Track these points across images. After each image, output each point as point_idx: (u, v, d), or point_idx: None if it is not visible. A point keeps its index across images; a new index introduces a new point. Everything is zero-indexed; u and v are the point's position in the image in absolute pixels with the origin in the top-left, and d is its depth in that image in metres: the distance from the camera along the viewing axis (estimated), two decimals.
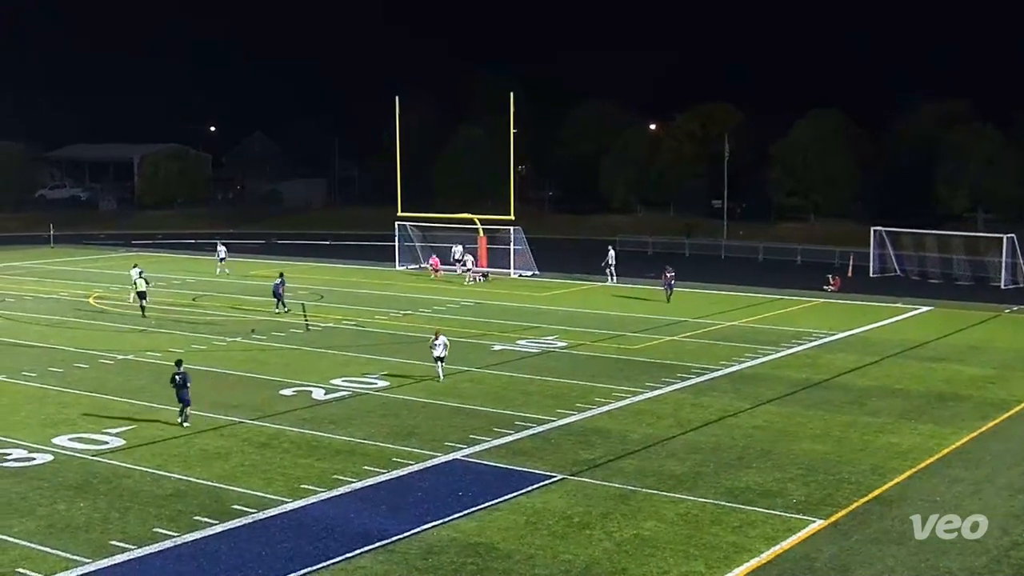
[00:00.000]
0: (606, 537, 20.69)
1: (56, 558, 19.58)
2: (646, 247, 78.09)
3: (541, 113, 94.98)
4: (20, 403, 30.93)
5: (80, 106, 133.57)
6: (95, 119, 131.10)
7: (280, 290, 47.30)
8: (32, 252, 75.61)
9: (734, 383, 33.77)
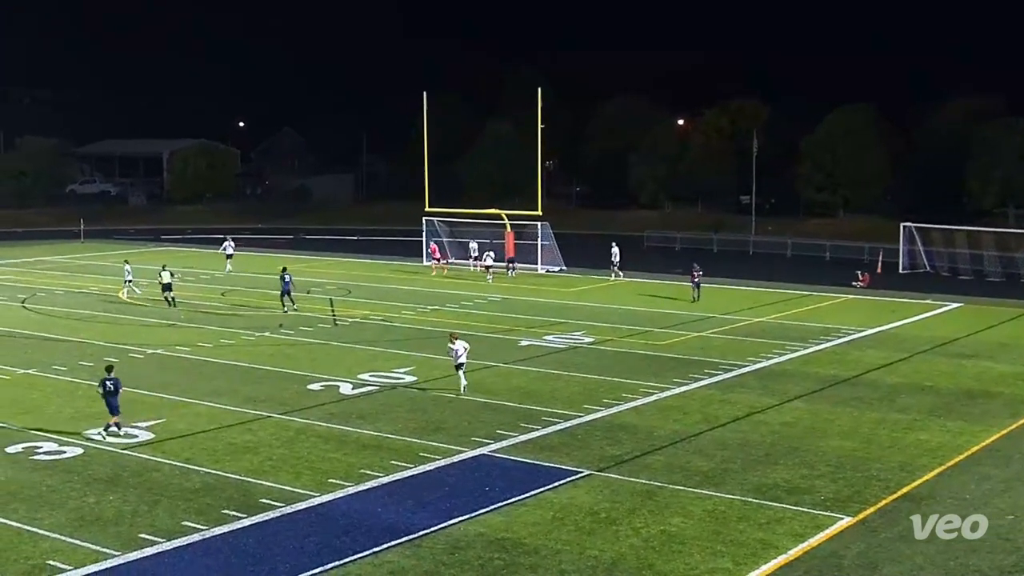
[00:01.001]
0: (633, 533, 20.66)
1: (86, 551, 19.72)
2: (674, 243, 77.94)
3: (569, 109, 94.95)
4: (51, 397, 31.17)
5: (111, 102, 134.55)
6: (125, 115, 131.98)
7: (289, 287, 46.59)
8: (62, 247, 76.22)
9: (762, 379, 33.64)
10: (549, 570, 19.00)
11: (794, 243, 73.91)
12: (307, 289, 52.85)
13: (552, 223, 63.13)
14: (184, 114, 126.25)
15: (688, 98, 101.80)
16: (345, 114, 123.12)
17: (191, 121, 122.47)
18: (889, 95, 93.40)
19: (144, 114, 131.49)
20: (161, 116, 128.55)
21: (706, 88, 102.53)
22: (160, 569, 19.04)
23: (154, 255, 70.39)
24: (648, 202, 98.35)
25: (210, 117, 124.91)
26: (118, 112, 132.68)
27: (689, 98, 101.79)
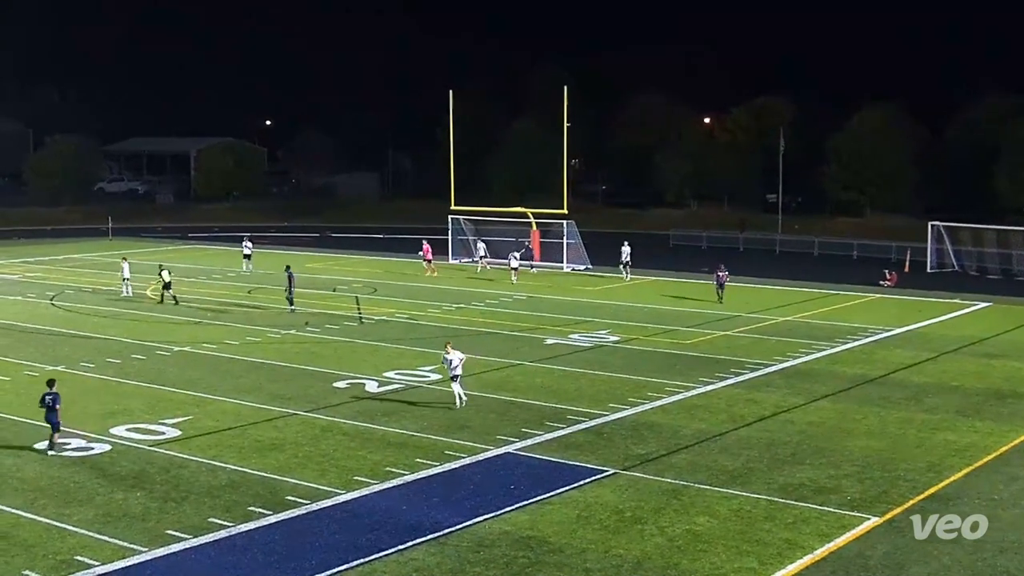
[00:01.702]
0: (658, 532, 20.62)
1: (113, 546, 19.84)
2: (700, 241, 77.74)
3: (595, 107, 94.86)
4: (79, 393, 31.32)
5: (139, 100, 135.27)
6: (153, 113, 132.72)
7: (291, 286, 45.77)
8: (91, 244, 76.65)
9: (788, 379, 33.51)
10: (574, 569, 18.99)
11: (821, 242, 73.57)
12: (333, 287, 53.05)
13: (578, 221, 63.07)
14: (211, 113, 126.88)
15: (714, 96, 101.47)
16: (371, 113, 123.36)
17: (218, 120, 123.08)
18: (917, 93, 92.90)
19: (171, 113, 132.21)
20: (188, 115, 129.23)
21: (732, 86, 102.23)
22: (187, 565, 19.14)
23: (181, 253, 70.75)
24: (674, 200, 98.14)
25: (237, 116, 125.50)
26: (146, 111, 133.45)
27: (715, 96, 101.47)
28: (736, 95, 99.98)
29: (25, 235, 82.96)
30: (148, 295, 51.19)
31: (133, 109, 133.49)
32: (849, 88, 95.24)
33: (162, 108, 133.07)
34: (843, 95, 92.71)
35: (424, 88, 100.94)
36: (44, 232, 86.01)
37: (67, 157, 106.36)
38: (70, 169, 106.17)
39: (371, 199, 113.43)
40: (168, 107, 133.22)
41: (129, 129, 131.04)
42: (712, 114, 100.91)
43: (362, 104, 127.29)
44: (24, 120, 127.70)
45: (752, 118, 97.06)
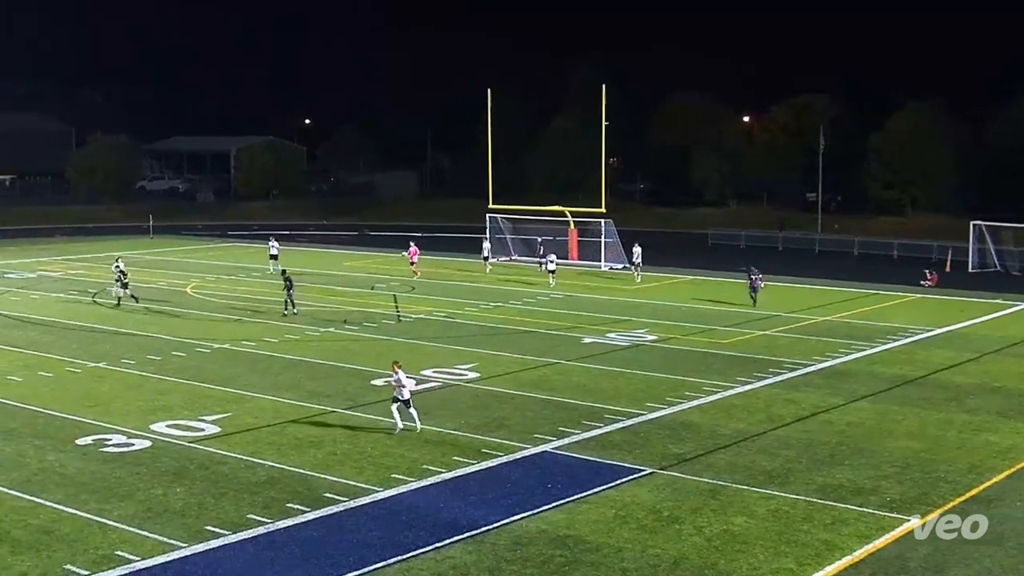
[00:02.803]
0: (695, 532, 20.56)
1: (153, 542, 20.00)
2: (738, 241, 77.44)
3: (633, 105, 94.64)
4: (120, 390, 31.66)
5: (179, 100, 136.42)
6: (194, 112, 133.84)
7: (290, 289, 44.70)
8: (132, 242, 77.33)
9: (827, 379, 33.31)
10: (611, 568, 18.96)
11: (861, 241, 73.08)
12: (371, 285, 53.26)
13: (616, 220, 62.97)
14: (251, 112, 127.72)
15: (754, 94, 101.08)
16: (410, 111, 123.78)
17: (258, 119, 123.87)
18: (959, 90, 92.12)
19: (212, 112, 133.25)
20: (228, 114, 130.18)
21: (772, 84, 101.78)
22: (226, 561, 19.26)
23: (222, 251, 71.22)
24: (712, 199, 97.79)
25: (277, 114, 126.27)
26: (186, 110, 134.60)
27: (755, 94, 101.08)
28: (776, 93, 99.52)
29: (67, 233, 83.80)
30: (189, 292, 51.55)
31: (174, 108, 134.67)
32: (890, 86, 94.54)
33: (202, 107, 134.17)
34: (884, 93, 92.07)
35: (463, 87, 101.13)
36: (86, 230, 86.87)
37: (109, 156, 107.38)
38: (112, 168, 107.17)
39: (409, 198, 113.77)
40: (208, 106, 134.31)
41: (170, 128, 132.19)
42: (751, 113, 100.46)
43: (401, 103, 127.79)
44: (67, 119, 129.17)
45: (792, 116, 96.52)
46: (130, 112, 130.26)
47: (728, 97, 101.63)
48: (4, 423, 27.91)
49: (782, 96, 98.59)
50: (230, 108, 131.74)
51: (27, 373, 33.71)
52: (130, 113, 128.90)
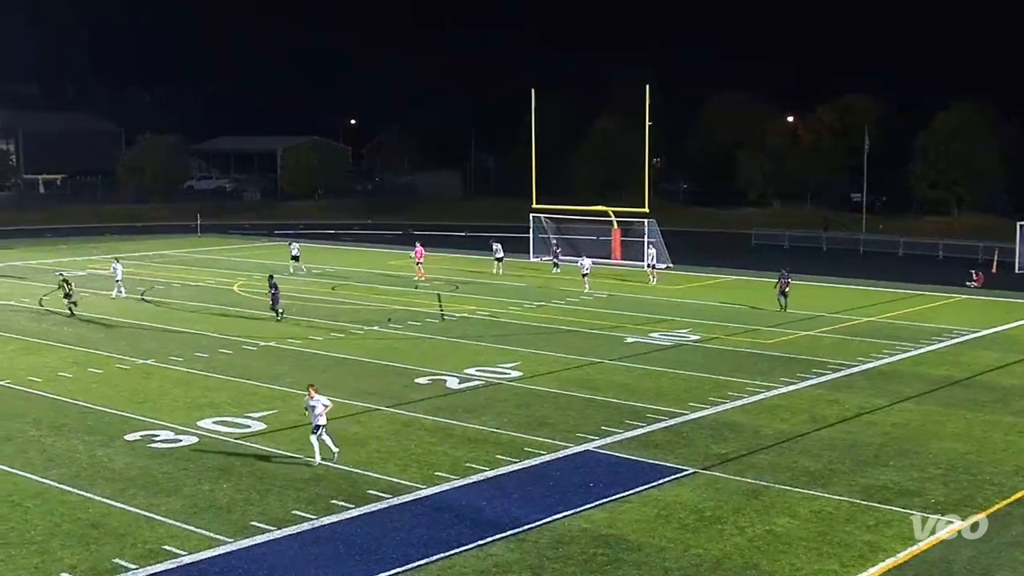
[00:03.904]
0: (737, 532, 20.56)
1: (200, 537, 20.26)
2: (782, 241, 77.09)
3: (677, 105, 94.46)
4: (168, 387, 32.05)
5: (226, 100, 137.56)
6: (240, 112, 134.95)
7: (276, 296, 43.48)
8: (180, 241, 78.18)
9: (871, 379, 33.13)
10: (653, 567, 19.00)
11: (906, 242, 72.52)
12: (415, 284, 53.53)
13: (659, 220, 62.83)
14: (297, 112, 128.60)
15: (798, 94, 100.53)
16: (454, 111, 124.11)
17: (304, 119, 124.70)
18: (1006, 89, 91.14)
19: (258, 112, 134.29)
20: (275, 114, 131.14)
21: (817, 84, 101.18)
22: (271, 556, 19.47)
23: (268, 249, 71.78)
24: (756, 199, 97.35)
25: (322, 115, 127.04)
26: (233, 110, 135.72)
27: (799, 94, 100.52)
28: (821, 93, 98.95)
29: (116, 231, 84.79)
30: (236, 290, 52.03)
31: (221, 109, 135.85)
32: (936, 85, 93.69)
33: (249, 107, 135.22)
34: (930, 92, 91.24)
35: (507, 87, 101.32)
36: (135, 228, 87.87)
37: (157, 156, 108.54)
38: (160, 167, 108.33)
39: (453, 197, 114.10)
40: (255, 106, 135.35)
41: (217, 128, 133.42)
42: (796, 113, 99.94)
43: (445, 103, 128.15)
44: (116, 119, 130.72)
45: (836, 116, 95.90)
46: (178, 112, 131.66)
47: (772, 97, 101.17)
48: (55, 419, 28.36)
49: (827, 96, 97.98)
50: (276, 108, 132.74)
51: (77, 370, 34.21)
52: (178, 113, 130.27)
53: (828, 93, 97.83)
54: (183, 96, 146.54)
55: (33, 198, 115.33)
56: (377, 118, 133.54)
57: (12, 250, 70.95)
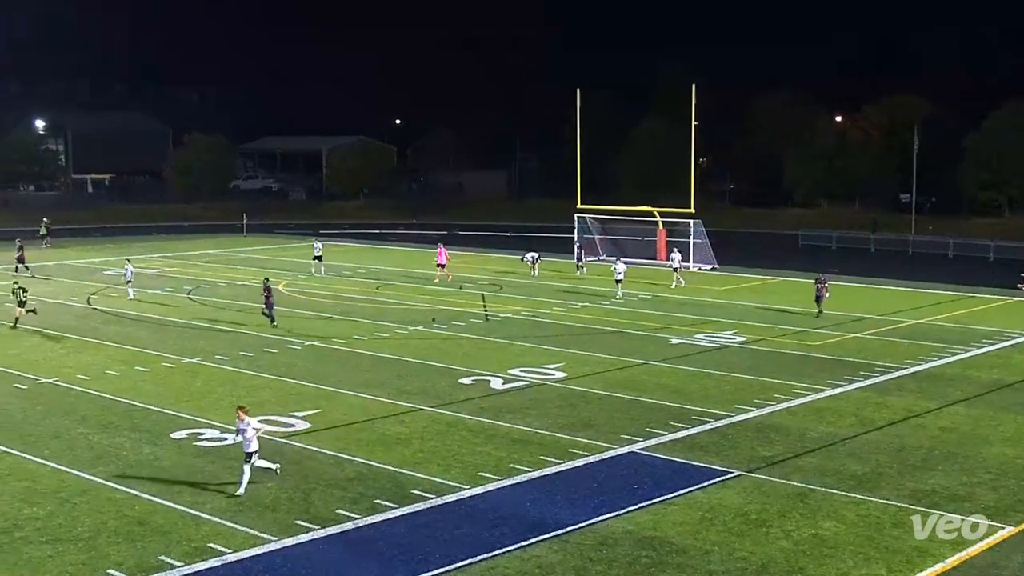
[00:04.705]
0: (783, 536, 20.37)
1: (244, 535, 20.33)
2: (830, 242, 76.51)
3: (724, 105, 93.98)
4: (213, 385, 32.25)
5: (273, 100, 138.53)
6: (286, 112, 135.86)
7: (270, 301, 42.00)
8: (226, 240, 78.76)
9: (920, 382, 32.75)
10: (697, 570, 18.87)
11: (956, 243, 71.73)
12: (460, 284, 53.56)
13: (705, 221, 62.57)
14: (342, 112, 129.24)
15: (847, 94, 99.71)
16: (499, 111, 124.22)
17: (349, 119, 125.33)
18: None
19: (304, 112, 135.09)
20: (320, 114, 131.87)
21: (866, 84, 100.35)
22: (315, 555, 19.51)
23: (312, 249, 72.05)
24: (803, 200, 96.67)
25: (367, 115, 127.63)
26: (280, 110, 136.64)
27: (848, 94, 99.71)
28: (870, 93, 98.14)
29: (163, 231, 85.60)
30: (281, 290, 52.31)
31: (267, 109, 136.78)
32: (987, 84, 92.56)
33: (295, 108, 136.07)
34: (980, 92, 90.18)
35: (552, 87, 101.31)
36: (182, 228, 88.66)
37: (204, 155, 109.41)
38: (207, 167, 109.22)
39: (498, 197, 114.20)
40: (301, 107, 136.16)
41: (263, 128, 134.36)
42: (844, 113, 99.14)
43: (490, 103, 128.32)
44: (164, 119, 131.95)
45: (885, 116, 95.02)
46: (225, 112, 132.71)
47: (821, 97, 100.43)
48: (102, 416, 28.62)
49: (876, 96, 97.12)
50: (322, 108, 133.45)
51: (124, 368, 34.51)
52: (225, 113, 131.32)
53: (877, 92, 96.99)
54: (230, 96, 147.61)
55: (81, 198, 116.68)
56: (422, 118, 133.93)
57: (61, 249, 71.75)
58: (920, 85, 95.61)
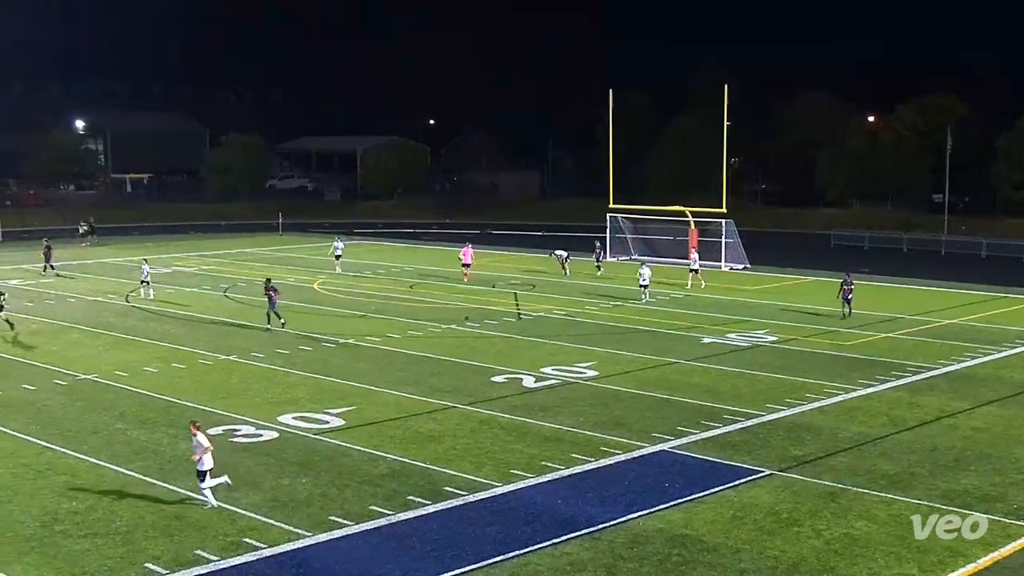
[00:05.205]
0: (814, 535, 20.43)
1: (279, 530, 20.59)
2: (862, 242, 76.21)
3: (756, 105, 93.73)
4: (249, 382, 32.58)
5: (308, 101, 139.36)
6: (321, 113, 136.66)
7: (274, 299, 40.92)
8: (262, 239, 79.33)
9: (952, 383, 32.67)
10: (728, 568, 18.97)
11: (989, 243, 71.28)
12: (492, 283, 53.77)
13: (737, 221, 62.49)
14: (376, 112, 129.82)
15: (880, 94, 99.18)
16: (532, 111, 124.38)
17: (383, 119, 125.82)
18: None
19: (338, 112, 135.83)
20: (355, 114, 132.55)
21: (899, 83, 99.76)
22: (349, 551, 19.74)
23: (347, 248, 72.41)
24: (835, 200, 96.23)
25: (401, 115, 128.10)
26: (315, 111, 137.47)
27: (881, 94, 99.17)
28: (903, 92, 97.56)
29: (200, 229, 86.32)
30: (316, 288, 52.69)
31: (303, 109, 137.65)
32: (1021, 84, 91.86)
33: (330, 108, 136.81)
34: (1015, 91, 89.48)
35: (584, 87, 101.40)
36: (219, 227, 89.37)
37: (241, 155, 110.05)
38: (244, 167, 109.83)
39: (531, 197, 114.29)
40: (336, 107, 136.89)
41: (299, 128, 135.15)
42: (876, 113, 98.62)
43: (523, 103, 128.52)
44: (202, 120, 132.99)
45: (919, 116, 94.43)
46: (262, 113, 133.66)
47: (853, 97, 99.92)
48: (140, 412, 29.01)
49: (908, 96, 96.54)
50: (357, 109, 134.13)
51: (162, 365, 34.92)
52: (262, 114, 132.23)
53: (910, 92, 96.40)
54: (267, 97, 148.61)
55: (120, 197, 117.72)
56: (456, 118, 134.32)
57: (101, 247, 72.51)
58: (953, 85, 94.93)
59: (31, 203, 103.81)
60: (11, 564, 19.08)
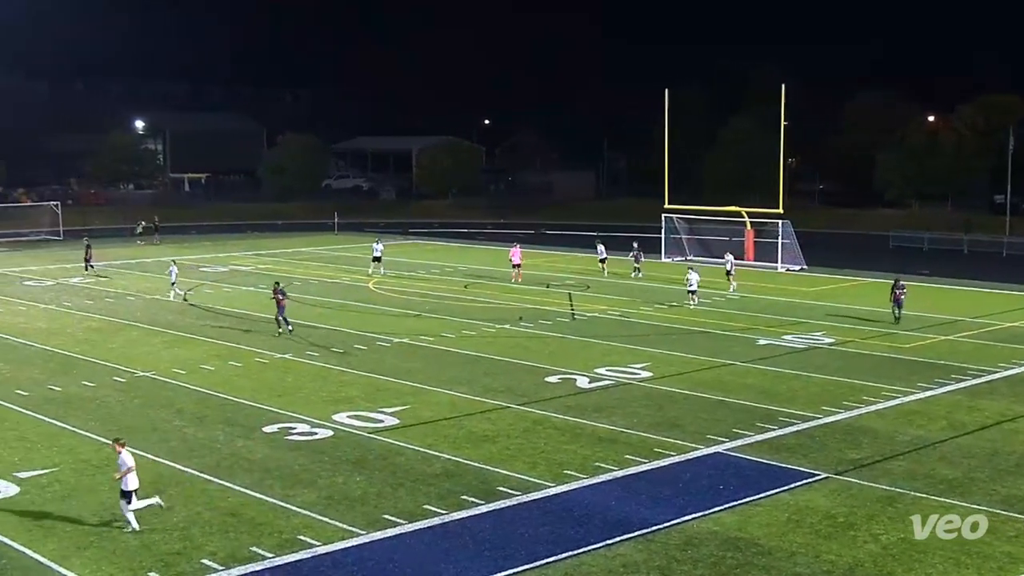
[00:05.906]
0: (871, 539, 20.20)
1: (334, 528, 20.70)
2: (921, 243, 75.30)
3: (814, 105, 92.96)
4: (304, 381, 32.79)
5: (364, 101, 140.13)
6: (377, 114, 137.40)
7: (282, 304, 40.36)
8: (317, 238, 79.89)
9: (1013, 386, 32.16)
10: (783, 572, 18.80)
11: None
12: (547, 283, 53.74)
13: (794, 221, 61.99)
14: (432, 112, 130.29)
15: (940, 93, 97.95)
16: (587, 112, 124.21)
17: (439, 119, 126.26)
18: None
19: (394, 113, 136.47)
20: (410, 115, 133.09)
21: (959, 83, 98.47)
22: (402, 549, 19.80)
23: (402, 248, 72.78)
24: (894, 200, 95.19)
25: (456, 115, 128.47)
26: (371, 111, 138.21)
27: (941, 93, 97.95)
28: (964, 92, 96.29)
29: (257, 229, 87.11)
30: (371, 288, 52.95)
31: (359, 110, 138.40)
32: None
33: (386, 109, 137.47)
34: None
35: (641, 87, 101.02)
36: (275, 226, 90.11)
37: (298, 155, 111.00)
38: (300, 167, 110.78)
39: (586, 197, 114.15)
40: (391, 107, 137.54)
41: (355, 128, 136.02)
42: (937, 113, 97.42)
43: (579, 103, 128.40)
44: (259, 120, 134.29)
45: (980, 116, 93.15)
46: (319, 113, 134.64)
47: (913, 96, 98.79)
48: (197, 410, 29.31)
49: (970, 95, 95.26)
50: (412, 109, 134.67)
51: (219, 363, 35.26)
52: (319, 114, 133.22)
53: (971, 92, 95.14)
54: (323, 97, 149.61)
55: (178, 196, 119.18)
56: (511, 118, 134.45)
57: (160, 246, 73.36)
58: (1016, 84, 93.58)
59: (92, 202, 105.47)
60: (70, 558, 19.34)
